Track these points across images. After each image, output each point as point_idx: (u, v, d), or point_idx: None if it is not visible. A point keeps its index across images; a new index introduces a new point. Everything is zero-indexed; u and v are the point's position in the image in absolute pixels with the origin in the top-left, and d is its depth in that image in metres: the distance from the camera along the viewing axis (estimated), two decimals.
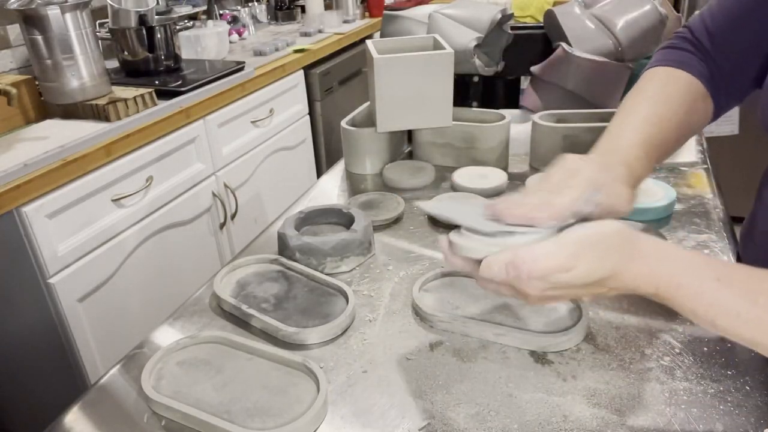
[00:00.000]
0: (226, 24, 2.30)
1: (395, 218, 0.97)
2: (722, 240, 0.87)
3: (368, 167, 1.16)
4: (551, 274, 0.52)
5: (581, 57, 1.20)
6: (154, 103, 1.56)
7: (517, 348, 0.69)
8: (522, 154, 1.19)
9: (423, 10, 1.31)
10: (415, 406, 0.62)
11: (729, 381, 0.62)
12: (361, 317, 0.75)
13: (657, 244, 0.54)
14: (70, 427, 0.63)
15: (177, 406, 0.61)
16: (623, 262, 0.53)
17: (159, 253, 1.59)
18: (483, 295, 0.76)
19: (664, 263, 0.53)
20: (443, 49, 1.05)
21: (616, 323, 0.72)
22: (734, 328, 0.51)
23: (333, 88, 2.38)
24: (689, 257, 0.54)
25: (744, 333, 0.51)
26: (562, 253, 0.52)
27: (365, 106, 1.24)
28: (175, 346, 0.70)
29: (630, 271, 0.53)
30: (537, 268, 0.51)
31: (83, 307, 1.37)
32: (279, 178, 2.13)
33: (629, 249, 0.53)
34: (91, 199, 1.38)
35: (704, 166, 1.09)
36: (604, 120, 1.10)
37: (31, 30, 1.42)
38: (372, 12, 2.88)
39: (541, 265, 0.51)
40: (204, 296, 0.82)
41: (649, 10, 1.22)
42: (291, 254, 0.85)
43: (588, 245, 0.52)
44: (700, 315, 0.52)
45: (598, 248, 0.52)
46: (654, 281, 0.53)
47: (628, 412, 0.59)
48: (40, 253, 1.26)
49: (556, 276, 0.52)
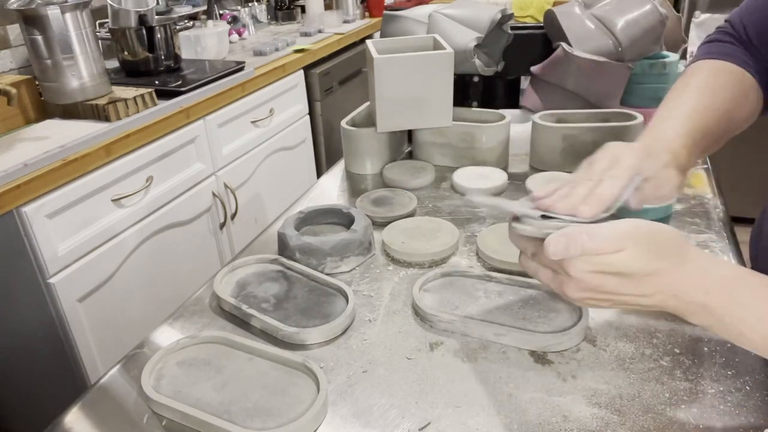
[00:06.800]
0: (226, 24, 2.30)
1: (409, 214, 0.98)
2: (722, 240, 0.87)
3: (368, 167, 1.16)
4: (603, 253, 0.51)
5: (581, 57, 1.20)
6: (154, 103, 1.56)
7: (517, 348, 0.69)
8: (522, 154, 1.19)
9: (423, 10, 1.31)
10: (415, 406, 0.62)
11: (729, 381, 0.62)
12: (361, 317, 0.75)
13: (708, 254, 0.54)
14: (70, 427, 0.63)
15: (177, 406, 0.61)
16: (673, 261, 0.52)
17: (159, 253, 1.59)
18: (483, 295, 0.76)
19: (715, 269, 0.52)
20: (443, 49, 1.05)
21: (616, 323, 0.72)
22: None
23: (333, 88, 2.38)
24: (742, 269, 0.53)
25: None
26: (615, 233, 0.52)
27: (365, 106, 1.24)
28: (175, 346, 0.70)
29: (680, 272, 0.52)
30: (591, 244, 0.51)
31: (83, 307, 1.37)
32: (279, 178, 2.13)
33: (682, 251, 0.53)
34: (91, 199, 1.38)
35: (704, 166, 1.09)
36: (604, 120, 1.10)
37: (31, 30, 1.42)
38: (372, 12, 2.88)
39: (596, 241, 0.51)
40: (204, 296, 0.82)
41: (649, 10, 1.22)
42: (291, 254, 0.85)
43: (641, 233, 0.52)
44: (752, 327, 0.50)
45: (650, 238, 0.52)
46: (705, 285, 0.51)
47: (628, 412, 0.59)
48: (40, 253, 1.26)
49: (605, 257, 0.51)
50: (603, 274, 0.52)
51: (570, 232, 0.53)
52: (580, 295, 0.55)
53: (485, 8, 1.27)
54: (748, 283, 0.51)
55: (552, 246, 0.53)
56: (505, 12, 1.28)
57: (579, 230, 0.53)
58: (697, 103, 0.68)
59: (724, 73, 0.72)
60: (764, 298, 0.50)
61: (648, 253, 0.51)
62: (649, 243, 0.51)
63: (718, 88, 0.70)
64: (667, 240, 0.52)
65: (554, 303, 0.74)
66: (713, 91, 0.70)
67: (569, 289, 0.55)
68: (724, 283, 0.51)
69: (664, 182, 0.62)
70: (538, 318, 0.71)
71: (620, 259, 0.51)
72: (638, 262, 0.51)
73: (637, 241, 0.51)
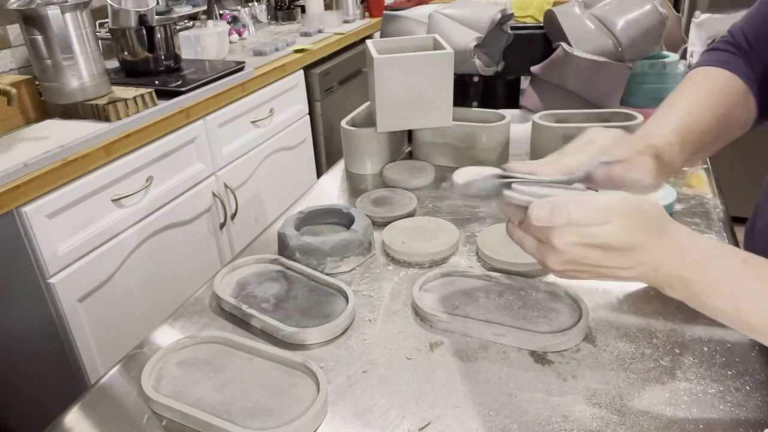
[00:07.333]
0: (226, 24, 2.30)
1: (409, 214, 0.98)
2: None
3: (368, 167, 1.16)
4: (588, 225, 0.52)
5: (581, 57, 1.20)
6: (154, 103, 1.56)
7: (517, 348, 0.69)
8: (522, 154, 1.19)
9: (423, 10, 1.31)
10: (415, 406, 0.62)
11: (729, 381, 0.62)
12: (361, 317, 0.75)
13: (687, 229, 0.55)
14: (70, 427, 0.63)
15: (177, 406, 0.61)
16: (655, 235, 0.53)
17: (159, 253, 1.59)
18: (483, 295, 0.76)
19: (694, 243, 0.54)
20: (443, 49, 1.05)
21: (616, 323, 0.72)
22: (758, 313, 0.50)
23: (333, 88, 2.38)
24: (717, 243, 0.56)
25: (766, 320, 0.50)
26: (602, 205, 0.52)
27: (365, 106, 1.24)
28: (175, 346, 0.70)
29: (661, 244, 0.53)
30: (577, 213, 0.52)
31: (83, 307, 1.37)
32: (279, 178, 2.13)
33: (663, 225, 0.54)
34: (91, 199, 1.38)
35: (704, 166, 1.09)
36: (604, 120, 1.10)
37: (31, 30, 1.42)
38: (372, 12, 2.88)
39: (583, 211, 0.52)
40: (204, 296, 0.82)
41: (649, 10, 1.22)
42: (291, 254, 0.85)
43: (628, 207, 0.53)
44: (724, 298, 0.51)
45: (636, 213, 0.53)
46: (684, 258, 0.53)
47: (628, 412, 0.59)
48: (40, 253, 1.26)
49: (590, 228, 0.52)
50: (587, 247, 0.53)
51: (557, 200, 0.53)
52: (562, 267, 0.56)
53: (485, 8, 1.27)
54: (724, 257, 0.53)
55: (535, 211, 0.54)
56: (505, 12, 1.28)
57: (566, 199, 0.53)
58: (690, 107, 0.71)
59: (718, 80, 0.75)
60: (739, 272, 0.52)
61: (634, 226, 0.52)
62: (635, 217, 0.52)
63: (712, 92, 0.73)
64: (651, 214, 0.53)
65: (554, 303, 0.74)
66: (705, 95, 0.73)
67: (551, 260, 0.56)
68: (700, 257, 0.53)
69: (636, 166, 0.63)
70: (538, 318, 0.71)
71: (606, 231, 0.52)
72: (623, 236, 0.52)
73: (624, 214, 0.52)
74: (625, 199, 0.53)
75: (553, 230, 0.53)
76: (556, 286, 0.76)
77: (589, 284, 0.78)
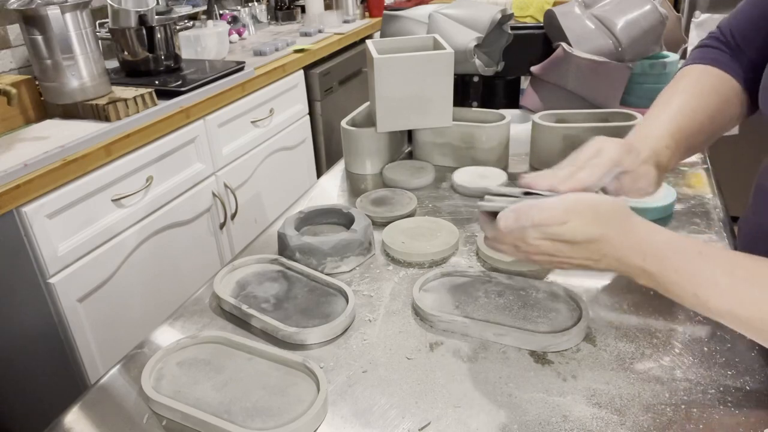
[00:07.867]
0: (226, 24, 2.30)
1: (409, 214, 0.98)
2: (722, 240, 0.87)
3: (368, 167, 1.16)
4: (550, 225, 0.57)
5: (581, 57, 1.20)
6: (154, 103, 1.56)
7: (517, 348, 0.69)
8: (522, 154, 1.19)
9: (423, 10, 1.31)
10: (415, 406, 0.62)
11: (729, 381, 0.62)
12: (361, 317, 0.75)
13: (648, 222, 0.59)
14: (70, 427, 0.63)
15: (177, 406, 0.61)
16: (615, 229, 0.57)
17: (159, 253, 1.59)
18: (483, 295, 0.76)
19: (653, 236, 0.57)
20: (443, 49, 1.05)
21: (616, 323, 0.72)
22: (714, 299, 0.54)
23: (333, 88, 2.38)
24: (676, 236, 0.58)
25: (722, 304, 0.54)
26: (560, 208, 0.57)
27: (365, 106, 1.24)
28: (175, 346, 0.70)
29: (620, 237, 0.57)
30: (539, 216, 0.57)
31: (83, 307, 1.37)
32: (279, 178, 2.13)
33: (622, 219, 0.58)
34: (91, 199, 1.38)
35: (704, 166, 1.09)
36: (604, 120, 1.10)
37: (31, 30, 1.42)
38: (372, 12, 2.88)
39: (544, 214, 0.57)
40: (204, 296, 0.82)
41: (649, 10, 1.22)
42: (291, 254, 0.85)
43: (583, 206, 0.57)
44: (684, 288, 0.55)
45: (591, 211, 0.57)
46: (642, 251, 0.56)
47: (628, 412, 0.59)
48: (40, 253, 1.26)
49: (552, 228, 0.57)
50: (555, 242, 0.58)
51: (520, 206, 0.59)
52: (542, 258, 0.61)
53: (485, 8, 1.27)
54: (680, 249, 0.56)
55: (503, 221, 0.60)
56: (505, 12, 1.28)
57: (529, 204, 0.59)
58: (683, 106, 0.73)
59: (709, 78, 0.77)
60: (695, 262, 0.55)
61: (590, 223, 0.57)
62: (590, 214, 0.57)
63: (703, 91, 0.75)
64: (609, 210, 0.57)
65: (554, 303, 0.74)
66: (698, 95, 0.75)
67: (532, 255, 0.61)
68: (656, 250, 0.56)
69: (642, 176, 0.67)
70: (538, 318, 0.71)
71: (566, 230, 0.57)
72: (580, 232, 0.57)
73: (579, 214, 0.57)
74: (578, 200, 0.58)
75: (524, 231, 0.59)
76: (556, 286, 0.76)
77: (589, 284, 0.79)
